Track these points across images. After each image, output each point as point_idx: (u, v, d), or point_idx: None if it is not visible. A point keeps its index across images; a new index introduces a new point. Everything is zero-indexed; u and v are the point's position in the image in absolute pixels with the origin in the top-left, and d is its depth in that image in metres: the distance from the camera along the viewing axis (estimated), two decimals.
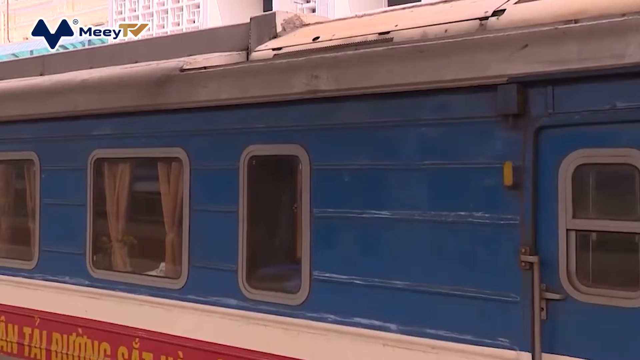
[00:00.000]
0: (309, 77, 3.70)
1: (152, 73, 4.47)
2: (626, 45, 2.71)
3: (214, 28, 5.65)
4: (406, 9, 4.24)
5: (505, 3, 3.50)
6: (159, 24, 23.15)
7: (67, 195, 5.01)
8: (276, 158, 3.98)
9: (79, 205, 4.87)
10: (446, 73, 3.22)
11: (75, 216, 4.89)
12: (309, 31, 4.35)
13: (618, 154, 2.76)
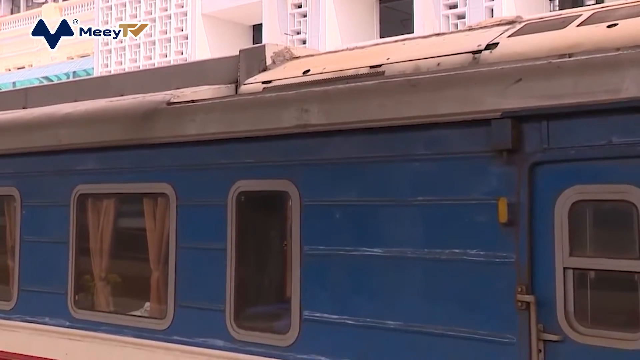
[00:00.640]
0: (299, 111, 3.72)
1: (139, 106, 4.49)
2: (621, 79, 2.74)
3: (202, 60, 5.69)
4: (398, 42, 4.29)
5: (498, 36, 3.54)
6: (146, 55, 23.28)
7: (49, 232, 4.98)
8: (265, 194, 3.99)
9: (61, 242, 4.84)
10: (439, 107, 3.24)
11: (57, 254, 4.85)
12: (299, 64, 4.38)
13: (615, 191, 2.77)
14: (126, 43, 23.70)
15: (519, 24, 3.69)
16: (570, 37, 3.19)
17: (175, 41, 22.65)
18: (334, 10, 19.20)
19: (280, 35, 20.06)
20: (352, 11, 19.55)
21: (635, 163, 2.73)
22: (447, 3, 17.74)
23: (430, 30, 16.82)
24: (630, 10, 3.25)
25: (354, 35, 19.17)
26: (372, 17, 20.20)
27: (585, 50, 2.97)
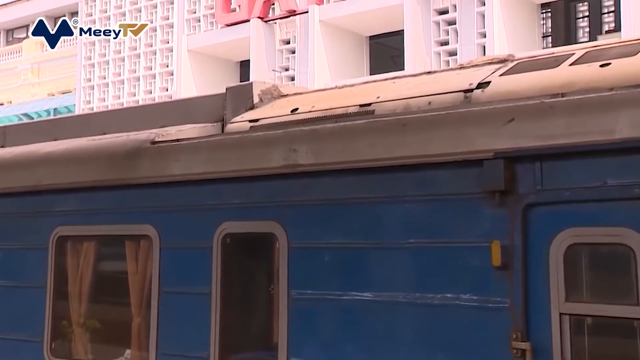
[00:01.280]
0: (287, 150, 3.74)
1: (122, 145, 4.49)
2: (615, 120, 2.77)
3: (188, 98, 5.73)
4: (388, 80, 4.34)
5: (490, 75, 3.59)
6: (130, 91, 23.37)
7: (25, 277, 4.93)
8: (252, 236, 3.98)
9: (37, 287, 4.79)
10: (430, 147, 3.26)
11: (33, 299, 4.80)
12: (287, 102, 4.41)
13: (611, 234, 2.78)
14: (109, 79, 23.81)
15: (511, 62, 3.74)
16: (563, 77, 3.24)
17: (160, 77, 22.77)
18: (323, 46, 19.40)
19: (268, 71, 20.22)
20: (342, 47, 19.76)
21: (631, 205, 2.74)
22: (438, 40, 17.98)
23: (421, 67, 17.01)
24: (623, 49, 3.31)
25: (343, 72, 19.36)
26: (362, 54, 20.43)
27: (578, 89, 3.01)
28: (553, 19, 18.30)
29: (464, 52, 17.15)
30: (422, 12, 17.97)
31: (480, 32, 17.21)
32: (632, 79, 2.91)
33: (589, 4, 17.81)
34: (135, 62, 23.48)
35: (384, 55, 19.99)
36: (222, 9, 21.18)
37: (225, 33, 21.33)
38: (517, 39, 17.05)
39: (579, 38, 17.96)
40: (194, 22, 22.42)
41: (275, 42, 20.64)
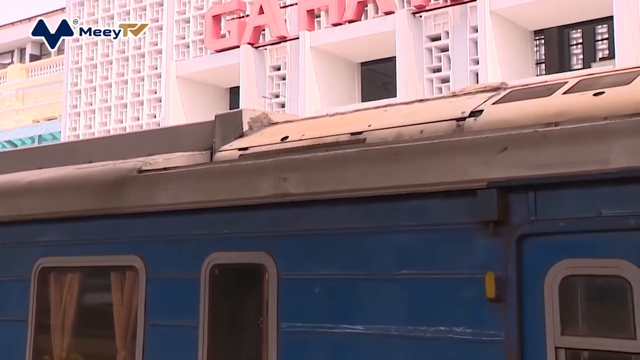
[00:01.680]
0: (277, 179, 3.75)
1: (108, 174, 4.49)
2: (609, 149, 2.79)
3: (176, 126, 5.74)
4: (380, 108, 4.36)
5: (483, 103, 3.62)
6: (117, 118, 23.41)
7: (5, 310, 4.88)
8: (241, 267, 3.97)
9: (18, 320, 4.74)
10: (422, 177, 3.28)
11: (13, 333, 4.75)
12: (277, 130, 4.43)
13: (607, 265, 2.78)
14: (96, 105, 23.84)
15: (504, 90, 3.78)
16: (556, 105, 3.27)
17: (149, 104, 22.83)
18: (314, 73, 19.51)
19: (258, 98, 20.31)
20: (333, 74, 19.89)
21: (627, 236, 2.75)
22: (431, 67, 18.12)
23: (414, 93, 17.14)
24: (616, 78, 3.35)
25: (334, 99, 19.46)
26: (353, 80, 20.55)
27: (572, 119, 3.04)
28: (547, 46, 18.50)
29: (457, 79, 17.30)
30: (414, 38, 18.14)
31: (473, 59, 17.37)
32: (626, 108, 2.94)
33: (583, 31, 18.03)
34: (122, 88, 23.54)
35: (376, 82, 20.13)
36: (211, 35, 21.31)
37: (215, 59, 21.44)
38: (510, 66, 17.21)
39: (573, 65, 18.15)
40: (182, 48, 22.54)
41: (266, 69, 20.75)
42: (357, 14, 18.93)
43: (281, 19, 20.17)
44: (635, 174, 2.72)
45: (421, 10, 18.16)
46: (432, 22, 18.19)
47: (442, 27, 18.04)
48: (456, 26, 17.83)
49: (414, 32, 18.13)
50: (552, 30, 18.14)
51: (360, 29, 18.88)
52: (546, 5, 16.74)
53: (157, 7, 23.19)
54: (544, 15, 17.20)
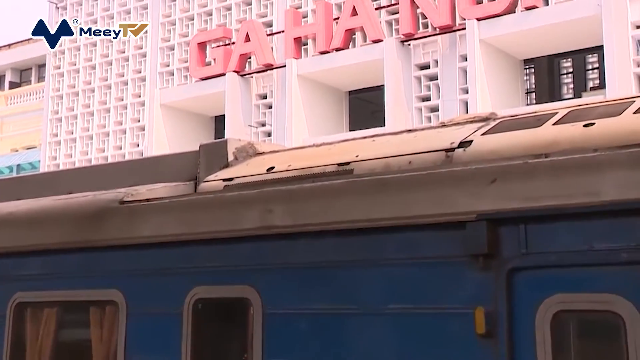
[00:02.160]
0: (263, 211, 3.75)
1: (88, 205, 4.47)
2: (600, 182, 2.81)
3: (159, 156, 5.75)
4: (367, 138, 4.39)
5: (472, 134, 3.64)
6: (98, 147, 23.36)
7: None
8: (225, 301, 3.94)
9: None
10: (410, 209, 3.29)
11: None
12: (263, 160, 4.44)
13: (600, 300, 2.78)
14: (77, 134, 23.81)
15: (493, 121, 3.81)
16: (546, 136, 3.30)
17: (131, 132, 22.81)
18: (301, 101, 19.59)
19: (244, 126, 20.34)
20: (321, 103, 19.98)
21: (620, 271, 2.76)
22: (420, 95, 18.25)
23: (402, 122, 17.23)
24: (607, 109, 3.38)
25: (322, 128, 19.53)
26: (341, 109, 20.65)
27: (562, 150, 3.06)
28: (537, 75, 18.69)
29: (446, 108, 17.42)
30: (403, 67, 18.29)
31: (462, 88, 17.51)
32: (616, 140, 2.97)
33: (573, 61, 18.24)
34: (105, 116, 23.54)
35: (364, 110, 20.23)
36: (196, 63, 21.40)
37: (200, 87, 21.51)
38: (500, 95, 17.36)
39: (564, 94, 18.33)
40: (167, 75, 22.60)
41: (252, 97, 20.83)
42: (344, 42, 19.08)
43: (268, 46, 20.30)
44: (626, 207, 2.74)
45: (410, 38, 18.34)
46: (420, 51, 18.35)
47: (431, 56, 18.21)
48: (445, 55, 18.00)
49: (402, 61, 18.28)
50: (542, 59, 18.34)
51: (348, 57, 19.02)
52: (536, 34, 16.93)
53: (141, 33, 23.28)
54: (534, 44, 17.39)
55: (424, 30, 18.37)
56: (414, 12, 18.12)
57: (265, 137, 20.18)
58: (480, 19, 17.15)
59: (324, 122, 19.83)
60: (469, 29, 17.19)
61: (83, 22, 24.17)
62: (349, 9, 18.85)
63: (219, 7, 21.90)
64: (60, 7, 24.86)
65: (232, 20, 21.52)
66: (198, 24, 22.19)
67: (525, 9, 16.93)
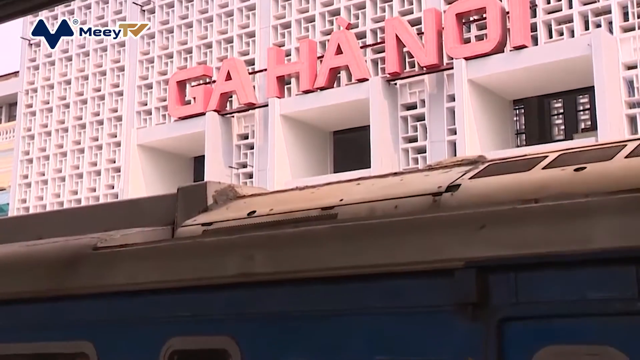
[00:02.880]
0: (243, 257, 3.73)
1: (59, 252, 4.44)
2: (592, 229, 2.83)
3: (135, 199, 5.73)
4: (352, 182, 4.40)
5: (459, 178, 3.67)
6: (71, 189, 23.27)
7: None
8: (202, 353, 3.90)
9: None
10: (396, 255, 3.28)
11: None
12: (244, 204, 4.44)
13: (594, 352, 2.77)
14: (49, 175, 23.72)
15: (482, 164, 3.84)
16: (536, 181, 3.32)
17: (106, 174, 22.76)
18: (284, 142, 19.67)
19: (225, 168, 20.37)
20: (304, 143, 20.07)
21: (614, 321, 2.76)
22: (406, 136, 18.39)
23: (388, 164, 17.33)
24: (598, 152, 3.42)
25: (305, 169, 19.59)
26: (325, 150, 20.75)
27: (552, 195, 3.08)
28: (527, 116, 18.90)
29: (434, 149, 17.55)
30: (389, 107, 18.46)
31: (450, 129, 17.66)
32: (608, 185, 2.99)
33: (564, 101, 18.47)
34: (78, 157, 23.50)
35: (349, 151, 20.33)
36: (175, 101, 21.48)
37: (179, 127, 21.57)
38: (489, 136, 17.52)
39: (555, 136, 18.52)
40: (144, 114, 22.66)
41: (233, 137, 20.91)
42: (329, 81, 19.25)
43: (250, 85, 20.44)
44: (619, 255, 2.75)
45: (396, 77, 18.54)
46: (407, 90, 18.55)
47: (418, 96, 18.40)
48: (432, 95, 18.20)
49: (388, 101, 18.45)
50: (532, 99, 18.56)
51: (332, 97, 19.18)
52: (525, 74, 17.17)
53: (117, 71, 23.39)
54: (523, 84, 17.63)
55: (411, 70, 18.59)
56: (400, 50, 18.34)
57: (247, 178, 20.21)
58: (468, 58, 17.38)
59: (307, 164, 19.90)
60: (457, 68, 17.41)
61: (57, 59, 24.29)
62: (333, 47, 19.06)
63: (199, 44, 22.08)
64: (33, 44, 24.96)
65: (212, 58, 21.68)
66: (177, 61, 22.33)
67: (514, 49, 17.19)
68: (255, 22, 21.21)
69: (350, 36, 18.96)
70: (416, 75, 18.41)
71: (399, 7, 19.09)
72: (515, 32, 17.02)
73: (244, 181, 20.11)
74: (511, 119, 18.79)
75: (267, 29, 20.86)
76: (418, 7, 18.78)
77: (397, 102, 18.53)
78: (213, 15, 21.95)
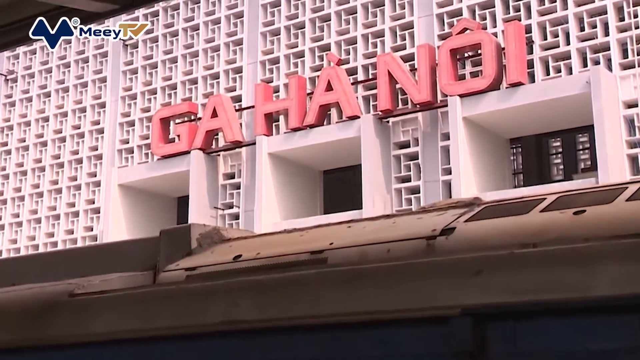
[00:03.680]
0: (228, 304, 3.72)
1: (33, 299, 4.41)
2: (592, 275, 2.83)
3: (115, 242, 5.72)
4: (343, 224, 4.41)
5: (455, 220, 3.68)
6: (47, 231, 23.15)
7: None
8: None
9: None
10: (389, 302, 3.28)
11: None
12: (229, 248, 4.43)
13: None
14: (24, 217, 23.60)
15: (478, 206, 3.85)
16: (534, 224, 3.34)
17: (85, 215, 22.68)
18: (272, 181, 19.70)
19: (210, 209, 20.36)
20: (293, 183, 20.11)
21: None
22: (399, 176, 18.45)
23: (381, 205, 17.36)
24: (598, 195, 3.44)
25: (294, 210, 19.59)
26: (315, 190, 20.79)
27: (551, 239, 3.09)
28: (524, 155, 19.01)
29: (428, 189, 17.61)
30: (382, 145, 18.55)
31: (444, 169, 17.74)
32: (609, 229, 3.01)
33: (563, 140, 18.59)
34: (55, 197, 23.44)
35: (340, 191, 20.38)
36: (158, 139, 21.53)
37: (162, 166, 21.60)
38: (485, 176, 17.59)
39: (554, 176, 18.61)
40: (126, 153, 22.69)
41: (219, 177, 20.94)
42: (319, 119, 19.35)
43: (236, 122, 20.53)
44: (622, 304, 2.75)
45: (388, 115, 18.66)
46: (400, 128, 18.66)
47: (411, 134, 18.51)
48: (426, 133, 18.31)
49: (380, 139, 18.55)
50: (530, 138, 18.69)
51: (322, 135, 19.26)
52: (522, 112, 17.31)
53: (98, 108, 23.46)
54: (520, 122, 17.76)
55: (404, 107, 18.74)
56: (393, 87, 18.50)
57: (233, 220, 20.18)
58: (463, 95, 17.54)
59: (296, 204, 19.92)
60: (451, 106, 17.55)
61: (35, 95, 24.36)
62: (323, 84, 19.20)
63: (184, 80, 22.22)
64: (10, 80, 25.04)
65: (198, 94, 21.81)
66: (161, 98, 22.45)
67: (510, 86, 17.37)
68: (242, 58, 21.37)
69: (341, 72, 19.11)
70: (409, 112, 18.54)
71: (391, 43, 19.28)
72: (511, 68, 17.19)
73: (230, 222, 20.07)
74: (508, 158, 18.89)
75: (255, 65, 21.02)
76: (411, 43, 18.97)
77: (390, 141, 18.62)
78: (199, 50, 22.11)
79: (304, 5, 20.64)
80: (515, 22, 17.53)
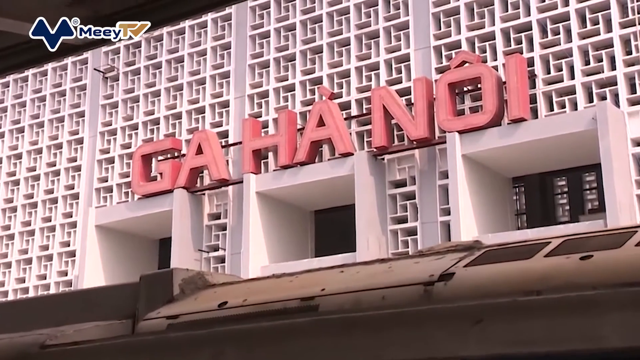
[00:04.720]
0: (212, 355, 3.71)
1: (1, 352, 4.38)
2: (600, 325, 2.83)
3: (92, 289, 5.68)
4: (335, 269, 4.40)
5: (454, 265, 3.68)
6: (18, 276, 23.00)
7: None
8: None
9: None
10: (384, 353, 3.28)
11: None
12: (214, 294, 4.42)
13: None
14: None
15: (478, 250, 3.86)
16: (538, 270, 3.34)
17: (59, 259, 22.58)
18: (260, 222, 19.68)
19: (194, 252, 20.30)
20: (282, 224, 20.09)
21: None
22: (395, 216, 18.46)
23: (375, 247, 17.35)
24: (606, 239, 3.45)
25: (284, 253, 19.55)
26: (306, 231, 20.77)
27: (556, 286, 3.10)
28: (527, 195, 19.04)
29: (425, 231, 17.61)
30: (376, 184, 18.57)
31: (443, 209, 17.74)
32: (617, 276, 3.01)
33: (568, 179, 18.63)
34: (27, 240, 23.33)
35: (332, 233, 20.36)
36: (139, 177, 21.53)
37: (143, 205, 21.56)
38: (486, 217, 17.60)
39: (559, 217, 18.63)
40: (104, 192, 22.68)
41: (203, 217, 20.91)
42: (310, 156, 19.40)
43: (222, 159, 20.56)
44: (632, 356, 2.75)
45: (383, 152, 18.71)
46: (395, 166, 18.71)
47: (408, 172, 18.54)
48: (423, 171, 18.35)
49: (375, 177, 18.57)
50: (534, 177, 18.72)
51: (313, 173, 19.29)
52: (525, 149, 17.35)
53: (75, 144, 23.48)
54: (523, 160, 17.81)
55: (400, 144, 18.79)
56: (388, 122, 18.58)
57: (218, 263, 20.12)
58: (462, 131, 17.60)
59: (286, 247, 19.88)
60: (450, 142, 17.60)
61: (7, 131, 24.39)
62: (315, 119, 19.28)
63: (167, 114, 22.30)
64: None
65: (182, 130, 21.88)
66: (143, 133, 22.50)
67: (511, 122, 17.44)
68: (229, 91, 21.48)
69: (334, 107, 19.20)
70: (405, 149, 18.60)
71: (386, 76, 19.41)
72: (513, 103, 17.28)
73: (215, 266, 20.01)
74: (510, 198, 18.92)
75: (243, 99, 21.12)
76: (407, 76, 19.11)
77: (385, 179, 18.65)
78: (183, 83, 22.23)
79: (295, 36, 20.81)
80: (517, 55, 17.67)
